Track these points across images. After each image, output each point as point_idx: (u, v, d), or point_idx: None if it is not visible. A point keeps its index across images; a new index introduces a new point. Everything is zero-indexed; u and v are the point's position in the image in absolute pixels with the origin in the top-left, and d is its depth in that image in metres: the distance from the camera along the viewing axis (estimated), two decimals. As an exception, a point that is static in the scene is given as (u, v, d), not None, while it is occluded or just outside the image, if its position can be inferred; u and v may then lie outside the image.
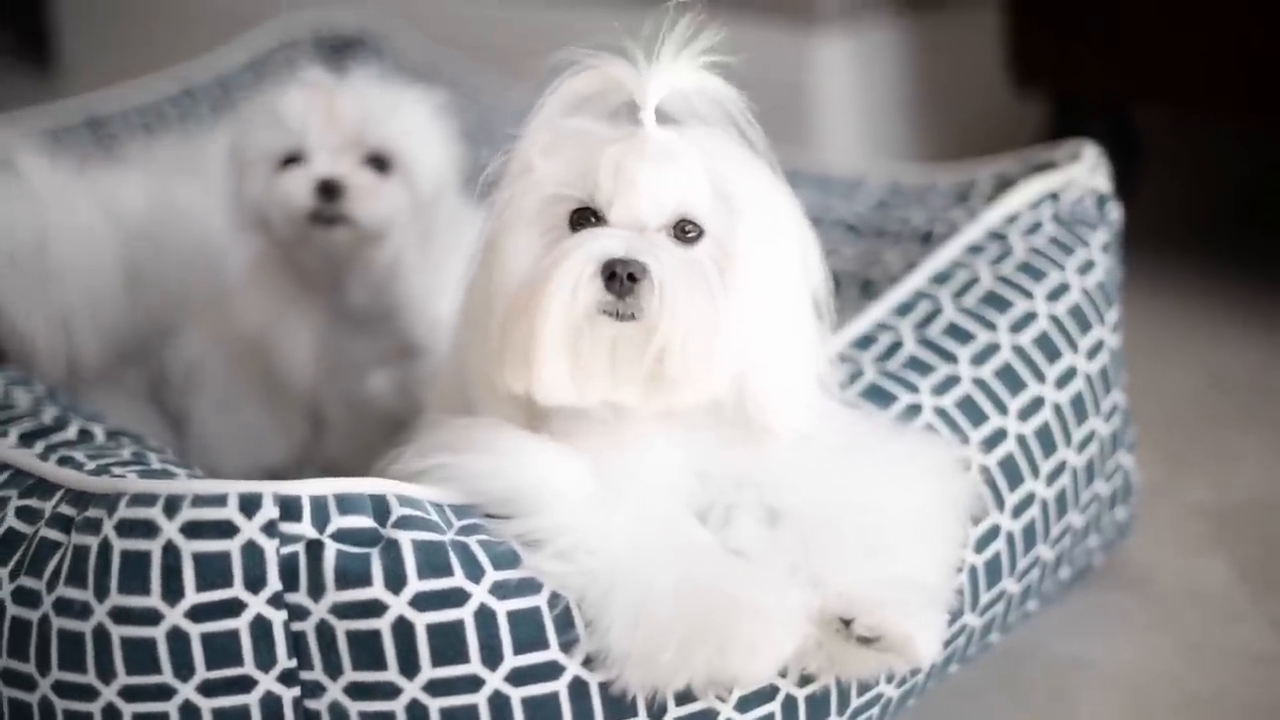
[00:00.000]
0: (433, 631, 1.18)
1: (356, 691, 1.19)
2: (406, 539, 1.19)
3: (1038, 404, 1.50)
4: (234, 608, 1.17)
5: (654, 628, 1.16)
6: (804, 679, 1.27)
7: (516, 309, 1.23)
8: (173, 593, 1.17)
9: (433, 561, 1.19)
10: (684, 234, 1.25)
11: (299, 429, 1.87)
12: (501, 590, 1.19)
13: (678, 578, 1.18)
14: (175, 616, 1.17)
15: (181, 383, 1.88)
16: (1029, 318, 1.53)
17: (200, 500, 1.18)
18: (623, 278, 1.19)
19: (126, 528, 1.19)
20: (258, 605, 1.18)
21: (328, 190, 1.70)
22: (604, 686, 1.20)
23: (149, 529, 1.18)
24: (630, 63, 1.25)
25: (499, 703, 1.19)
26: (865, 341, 1.51)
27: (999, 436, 1.47)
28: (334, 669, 1.19)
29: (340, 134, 1.71)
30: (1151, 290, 2.38)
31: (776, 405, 1.26)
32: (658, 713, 1.22)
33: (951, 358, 1.49)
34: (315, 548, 1.18)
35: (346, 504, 1.21)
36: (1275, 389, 2.19)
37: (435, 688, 1.18)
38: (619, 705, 1.21)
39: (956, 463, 1.39)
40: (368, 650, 1.18)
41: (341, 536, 1.19)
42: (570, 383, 1.23)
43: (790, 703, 1.27)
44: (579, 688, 1.20)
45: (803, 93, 2.82)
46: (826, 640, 1.21)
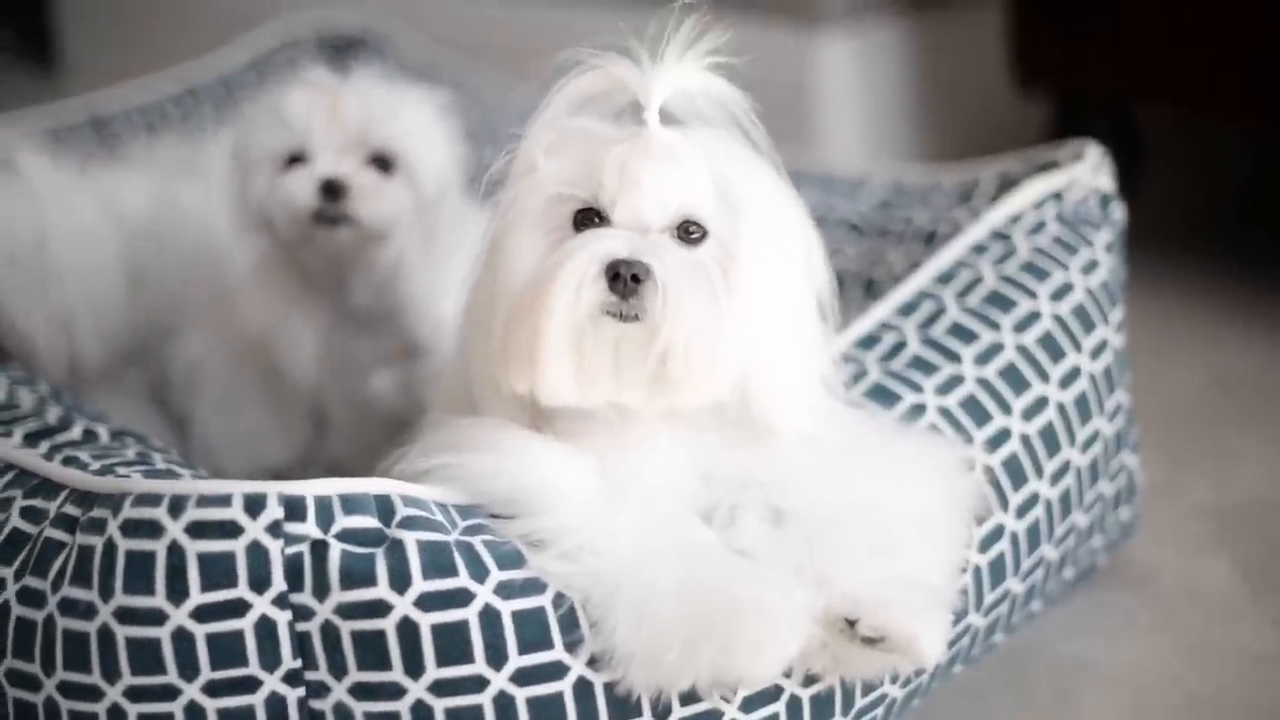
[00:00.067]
0: (437, 632, 1.18)
1: (361, 692, 1.19)
2: (411, 539, 1.19)
3: (1042, 404, 1.50)
4: (239, 608, 1.17)
5: (659, 628, 1.16)
6: (808, 679, 1.27)
7: (520, 309, 1.23)
8: (178, 593, 1.17)
9: (437, 562, 1.19)
10: (688, 235, 1.25)
11: (301, 429, 1.87)
12: (506, 590, 1.19)
13: (682, 578, 1.18)
14: (180, 617, 1.17)
15: (183, 383, 1.89)
16: (1033, 317, 1.53)
17: (205, 500, 1.18)
18: (626, 279, 1.19)
19: (131, 528, 1.19)
20: (262, 605, 1.18)
21: (331, 190, 1.69)
22: (609, 687, 1.20)
23: (154, 529, 1.18)
24: (634, 63, 1.25)
25: (504, 703, 1.19)
26: (869, 341, 1.51)
27: (1003, 436, 1.47)
28: (339, 669, 1.19)
29: (343, 134, 1.71)
30: (1153, 290, 2.38)
31: (780, 406, 1.26)
32: (662, 713, 1.22)
33: (955, 357, 1.49)
34: (320, 548, 1.19)
35: (351, 504, 1.21)
36: (1277, 389, 2.19)
37: (440, 688, 1.18)
38: (624, 705, 1.21)
39: (960, 463, 1.39)
40: (372, 650, 1.18)
41: (346, 537, 1.19)
42: (574, 383, 1.23)
43: (795, 703, 1.27)
44: (584, 688, 1.20)
45: (805, 92, 2.82)
46: (831, 640, 1.21)
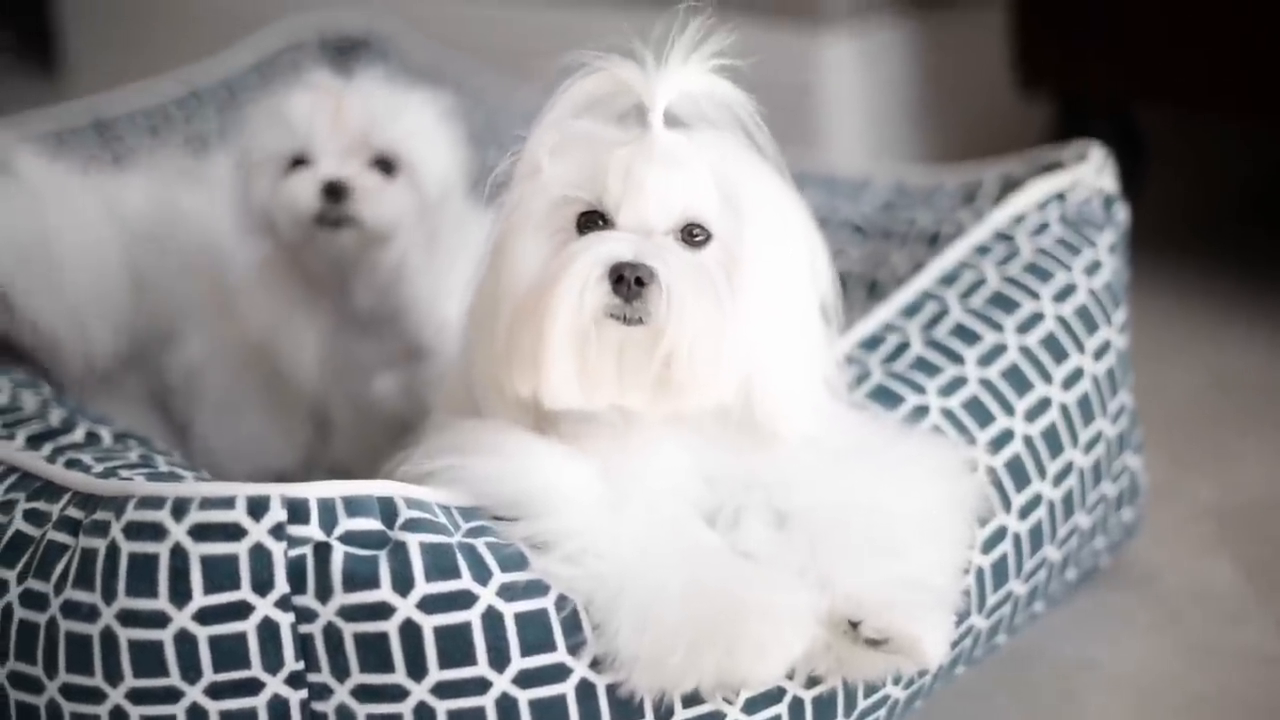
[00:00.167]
0: (440, 634, 1.18)
1: (364, 694, 1.19)
2: (414, 541, 1.19)
3: (1045, 405, 1.50)
4: (242, 610, 1.17)
5: (662, 630, 1.16)
6: (811, 681, 1.27)
7: (524, 312, 1.23)
8: (180, 595, 1.17)
9: (440, 564, 1.19)
10: (691, 238, 1.25)
11: (303, 432, 1.87)
12: (509, 592, 1.19)
13: (686, 580, 1.18)
14: (183, 619, 1.17)
15: (184, 387, 1.89)
16: (1036, 319, 1.53)
17: (208, 503, 1.18)
18: (630, 282, 1.19)
19: (134, 530, 1.19)
20: (265, 608, 1.18)
21: (334, 192, 1.69)
22: (612, 689, 1.20)
23: (157, 531, 1.18)
24: (639, 65, 1.25)
25: (506, 705, 1.19)
26: (872, 343, 1.51)
27: (1006, 437, 1.47)
28: (341, 671, 1.19)
29: (346, 136, 1.71)
30: (1154, 291, 2.38)
31: (784, 408, 1.26)
32: (665, 715, 1.22)
33: (958, 359, 1.49)
34: (323, 550, 1.19)
35: (354, 506, 1.21)
36: (1279, 389, 2.19)
37: (443, 690, 1.18)
38: (627, 707, 1.21)
39: (963, 464, 1.39)
40: (375, 652, 1.18)
41: (349, 539, 1.19)
42: (577, 387, 1.23)
43: (797, 704, 1.27)
44: (587, 690, 1.20)
45: (808, 93, 2.82)
46: (834, 642, 1.21)
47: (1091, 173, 1.67)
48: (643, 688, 1.18)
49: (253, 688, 1.18)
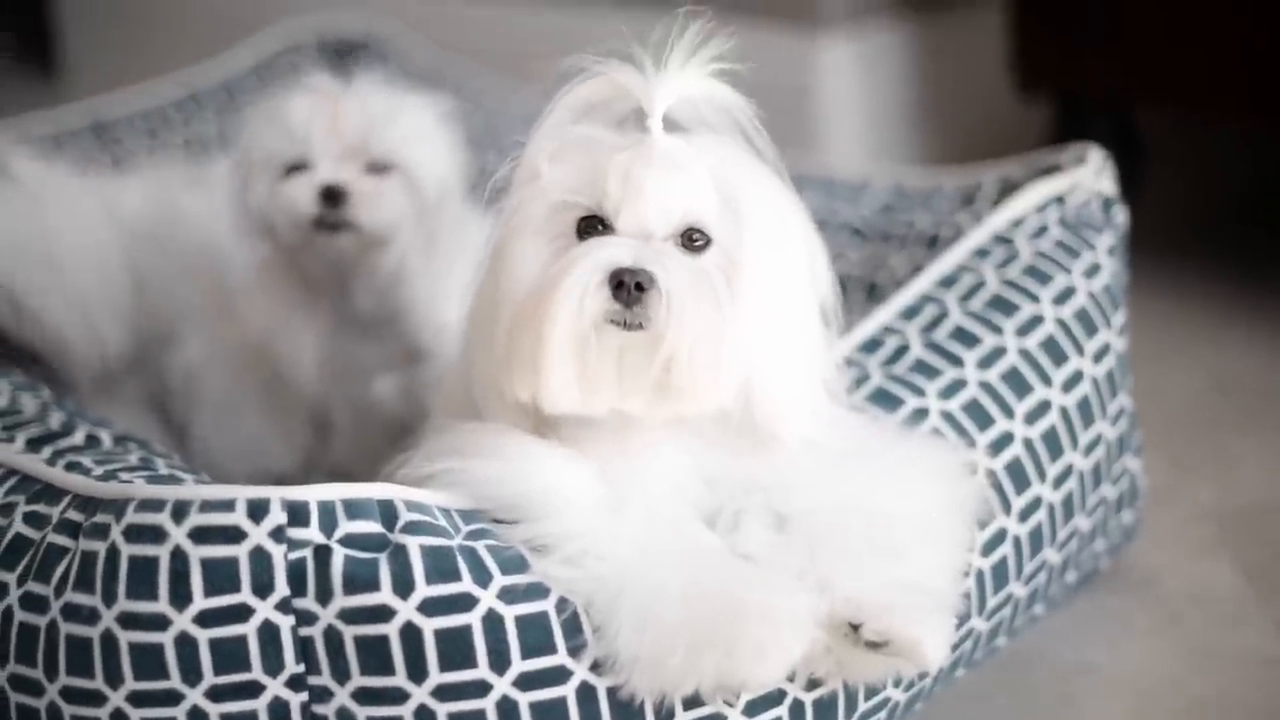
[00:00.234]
0: (440, 636, 1.18)
1: (364, 696, 1.19)
2: (414, 544, 1.19)
3: (1044, 408, 1.50)
4: (242, 613, 1.17)
5: (662, 632, 1.16)
6: (811, 683, 1.27)
7: (523, 317, 1.23)
8: (180, 598, 1.17)
9: (440, 566, 1.19)
10: (691, 242, 1.25)
11: (302, 435, 1.87)
12: (509, 595, 1.19)
13: (686, 582, 1.18)
14: (183, 622, 1.17)
15: (183, 390, 1.89)
16: (1035, 321, 1.54)
17: (208, 505, 1.18)
18: (630, 287, 1.19)
19: (134, 533, 1.19)
20: (265, 610, 1.18)
21: (332, 196, 1.69)
22: (612, 691, 1.20)
23: (157, 534, 1.18)
24: (638, 69, 1.25)
25: (507, 708, 1.19)
26: (871, 345, 1.51)
27: (1005, 440, 1.47)
28: (342, 674, 1.19)
29: (344, 140, 1.71)
30: (1154, 292, 2.38)
31: (784, 412, 1.26)
32: (666, 717, 1.22)
33: (958, 361, 1.49)
34: (323, 553, 1.19)
35: (354, 509, 1.21)
36: (1278, 391, 2.19)
37: (443, 693, 1.18)
38: (627, 710, 1.21)
39: (963, 467, 1.39)
40: (375, 655, 1.18)
41: (349, 542, 1.19)
42: (577, 391, 1.23)
43: (797, 707, 1.27)
44: (587, 692, 1.20)
45: (807, 96, 2.82)
46: (834, 644, 1.21)
47: (1090, 175, 1.67)
48: (643, 690, 1.18)
49: (253, 690, 1.18)
